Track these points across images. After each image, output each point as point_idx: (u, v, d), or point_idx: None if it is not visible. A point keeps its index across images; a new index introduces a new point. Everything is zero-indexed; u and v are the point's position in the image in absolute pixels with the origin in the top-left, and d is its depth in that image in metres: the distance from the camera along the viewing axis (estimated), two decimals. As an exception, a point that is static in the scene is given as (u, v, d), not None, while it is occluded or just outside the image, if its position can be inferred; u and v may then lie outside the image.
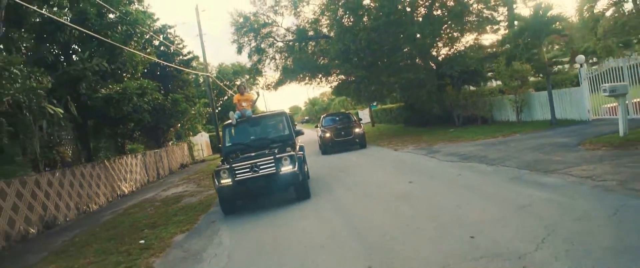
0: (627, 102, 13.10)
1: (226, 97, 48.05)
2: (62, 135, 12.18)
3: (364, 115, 44.59)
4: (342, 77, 26.14)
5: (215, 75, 44.74)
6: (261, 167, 8.36)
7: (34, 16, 10.58)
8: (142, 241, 7.62)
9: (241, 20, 26.27)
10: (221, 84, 43.68)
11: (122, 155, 17.55)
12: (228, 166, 8.49)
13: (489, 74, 20.52)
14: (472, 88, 20.74)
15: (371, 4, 21.49)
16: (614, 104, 12.68)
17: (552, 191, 6.34)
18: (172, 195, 13.53)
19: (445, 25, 20.09)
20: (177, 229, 8.21)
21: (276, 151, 8.84)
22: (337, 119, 20.79)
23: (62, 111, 10.13)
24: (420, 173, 10.06)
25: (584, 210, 5.22)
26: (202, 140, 35.70)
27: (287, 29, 27.19)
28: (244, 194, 8.80)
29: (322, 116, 22.04)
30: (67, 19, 12.74)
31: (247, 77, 52.74)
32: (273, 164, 8.35)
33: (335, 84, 28.94)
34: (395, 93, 24.24)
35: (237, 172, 8.38)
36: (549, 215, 5.24)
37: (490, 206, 6.12)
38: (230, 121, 10.30)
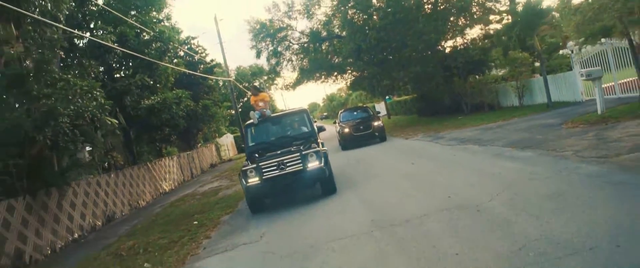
0: (612, 83, 14.51)
1: (245, 99, 50.12)
2: (115, 142, 14.12)
3: (381, 108, 46.02)
4: (356, 73, 27.73)
5: (234, 78, 46.82)
6: (288, 165, 8.52)
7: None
8: (195, 222, 9.46)
9: (258, 27, 28.11)
10: (241, 86, 45.68)
11: (161, 157, 19.59)
12: (255, 165, 8.63)
13: (491, 63, 21.82)
14: (477, 77, 22.07)
15: (379, 4, 23.05)
16: (605, 85, 14.04)
17: (521, 162, 7.90)
18: (210, 190, 15.41)
19: (450, 20, 21.47)
20: (222, 212, 10.03)
21: (301, 148, 8.95)
22: (355, 113, 20.56)
23: (116, 121, 12.06)
24: (423, 156, 11.69)
25: (537, 173, 6.79)
26: (227, 141, 37.78)
27: (301, 32, 28.98)
28: (272, 192, 8.89)
29: (340, 112, 21.88)
30: (111, 42, 14.72)
31: (266, 77, 54.83)
32: (300, 161, 8.50)
33: (350, 80, 30.63)
34: (409, 86, 25.67)
35: (264, 170, 8.53)
36: (509, 179, 6.83)
37: (469, 176, 7.73)
38: (252, 121, 10.45)
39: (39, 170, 10.14)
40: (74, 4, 12.09)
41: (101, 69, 15.05)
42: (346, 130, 18.40)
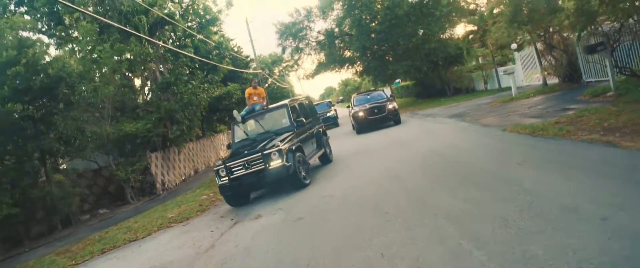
0: (538, 75, 20.72)
1: (266, 85, 56.74)
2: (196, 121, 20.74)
3: (387, 91, 52.34)
4: (362, 66, 34.13)
5: (256, 65, 53.47)
6: (252, 164, 8.79)
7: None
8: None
9: (283, 28, 34.56)
10: (265, 73, 52.25)
11: (216, 133, 26.40)
12: (223, 165, 9.01)
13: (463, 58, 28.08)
14: (456, 67, 28.33)
15: (379, 10, 29.27)
16: (538, 75, 20.27)
17: (446, 124, 14.37)
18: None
19: (431, 25, 27.66)
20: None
21: (265, 146, 9.12)
22: (369, 97, 20.28)
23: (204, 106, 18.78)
24: (403, 125, 18.16)
25: (448, 128, 13.25)
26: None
27: (318, 31, 35.35)
28: (240, 190, 9.14)
29: (353, 96, 21.95)
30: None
31: (284, 65, 61.38)
32: (261, 160, 8.74)
33: (359, 70, 37.02)
34: (403, 75, 32.06)
35: (233, 169, 8.90)
36: (432, 129, 13.31)
37: (414, 130, 14.23)
38: (236, 120, 10.95)
39: (165, 136, 16.97)
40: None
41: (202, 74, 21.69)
42: (361, 114, 18.15)
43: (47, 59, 12.00)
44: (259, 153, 8.81)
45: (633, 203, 4.13)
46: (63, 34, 16.20)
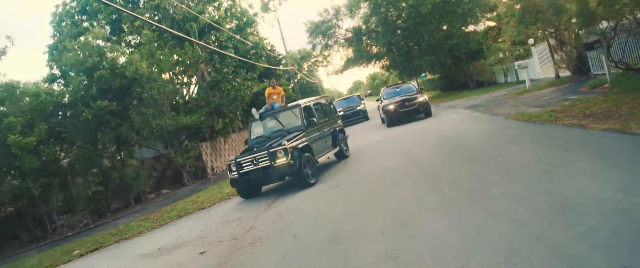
0: (553, 69, 22.05)
1: (296, 80, 59.06)
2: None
3: (414, 84, 53.84)
4: (389, 61, 35.83)
5: (284, 62, 55.85)
6: (259, 160, 9.40)
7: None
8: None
9: (312, 27, 36.56)
10: (295, 70, 54.44)
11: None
12: (234, 160, 9.71)
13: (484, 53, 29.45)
14: (478, 62, 29.72)
15: (403, 5, 30.92)
16: (554, 68, 21.67)
17: (463, 115, 16.10)
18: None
19: (453, 18, 29.13)
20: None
21: (272, 144, 9.72)
22: (399, 90, 20.17)
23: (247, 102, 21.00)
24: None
25: (464, 118, 15.02)
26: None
27: (346, 29, 37.17)
28: (249, 184, 9.83)
29: (382, 89, 21.95)
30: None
31: (313, 60, 63.60)
32: (267, 158, 9.33)
33: (386, 64, 38.73)
34: (427, 70, 33.64)
35: (243, 165, 9.58)
36: (451, 119, 15.10)
37: (437, 122, 16.02)
38: (254, 118, 11.63)
39: (213, 128, 19.28)
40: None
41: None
42: (391, 107, 18.07)
43: (120, 62, 14.36)
44: (265, 151, 9.42)
45: (571, 164, 5.98)
46: (126, 40, 18.63)
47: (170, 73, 18.81)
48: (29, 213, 12.64)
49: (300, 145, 9.78)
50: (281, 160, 9.27)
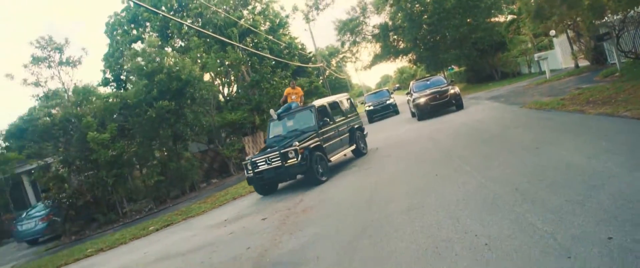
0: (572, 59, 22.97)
1: (325, 76, 60.76)
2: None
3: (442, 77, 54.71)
4: (414, 56, 37.03)
5: (314, 59, 57.60)
6: (272, 160, 10.03)
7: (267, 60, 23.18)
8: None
9: (340, 25, 38.09)
10: (324, 66, 56.01)
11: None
12: (250, 160, 10.38)
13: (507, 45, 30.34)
14: (502, 54, 30.64)
15: (428, 1, 32.10)
16: (573, 58, 22.58)
17: (484, 105, 17.36)
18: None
19: (477, 13, 30.11)
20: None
21: (283, 145, 10.25)
22: (428, 82, 19.92)
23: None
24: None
25: (485, 107, 16.32)
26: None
27: (373, 26, 38.52)
28: (263, 182, 10.55)
29: (411, 83, 21.78)
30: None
31: (341, 56, 65.03)
32: (279, 158, 9.92)
33: (413, 58, 39.92)
34: (453, 62, 34.71)
35: (258, 164, 10.22)
36: (473, 111, 16.41)
37: (459, 112, 17.33)
38: (272, 117, 12.16)
39: (253, 123, 21.12)
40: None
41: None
42: (422, 100, 17.84)
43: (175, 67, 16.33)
44: (277, 152, 9.96)
45: (559, 142, 7.39)
46: (173, 44, 20.66)
47: (212, 74, 20.79)
48: (103, 200, 14.75)
49: (312, 145, 10.32)
50: (292, 160, 9.82)
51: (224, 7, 22.02)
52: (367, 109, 26.73)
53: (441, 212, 5.37)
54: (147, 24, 23.54)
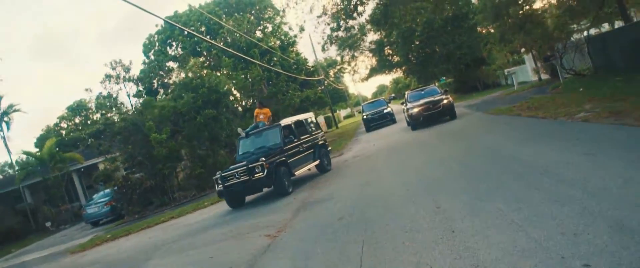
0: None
1: (323, 86, 65.05)
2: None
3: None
4: (406, 69, 41.31)
5: (316, 72, 61.91)
6: (240, 175, 10.60)
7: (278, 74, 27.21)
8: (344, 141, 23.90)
9: (340, 41, 42.32)
10: (325, 79, 60.09)
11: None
12: (219, 175, 10.96)
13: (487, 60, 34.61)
14: (484, 67, 34.89)
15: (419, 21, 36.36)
16: (536, 73, 26.71)
17: (461, 112, 21.43)
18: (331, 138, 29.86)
19: (462, 32, 34.39)
20: (344, 144, 24.35)
21: (250, 160, 10.91)
22: (423, 92, 20.36)
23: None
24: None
25: (463, 114, 20.37)
26: (321, 120, 52.63)
27: (370, 42, 42.82)
28: (233, 196, 11.20)
29: (406, 93, 22.09)
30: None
31: (338, 67, 69.29)
32: (246, 172, 10.48)
33: (405, 72, 44.22)
34: (441, 75, 38.99)
35: (227, 178, 10.79)
36: (459, 118, 20.49)
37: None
38: (241, 135, 12.91)
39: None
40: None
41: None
42: (416, 110, 18.19)
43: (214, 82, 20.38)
44: (245, 167, 10.59)
45: (496, 133, 11.44)
46: (203, 63, 24.75)
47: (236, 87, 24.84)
48: (159, 187, 18.68)
49: (277, 160, 11.11)
50: (258, 174, 10.51)
51: (242, 29, 26.14)
52: (365, 117, 27.66)
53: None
54: (174, 43, 27.73)
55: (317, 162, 13.38)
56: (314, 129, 14.39)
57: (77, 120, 32.66)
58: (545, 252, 3.51)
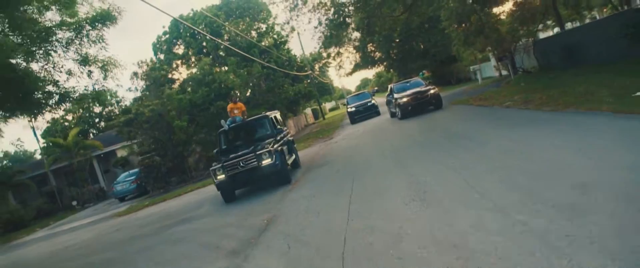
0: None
1: (309, 80, 68.78)
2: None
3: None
4: (386, 65, 45.24)
5: (305, 68, 65.63)
6: (247, 162, 10.37)
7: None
8: (328, 135, 27.65)
9: (325, 39, 46.00)
10: (312, 74, 63.67)
11: (289, 117, 38.19)
12: (221, 164, 10.51)
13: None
14: (457, 63, 38.92)
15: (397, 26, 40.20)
16: (497, 70, 30.77)
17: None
18: (315, 129, 33.58)
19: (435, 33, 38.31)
20: (332, 131, 28.09)
21: (257, 148, 10.69)
22: (408, 84, 21.31)
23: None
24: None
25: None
26: (308, 112, 56.34)
27: (354, 39, 46.56)
28: (236, 186, 10.83)
29: (391, 85, 22.95)
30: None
31: (323, 62, 72.91)
32: (254, 159, 10.36)
33: (386, 66, 48.14)
34: (418, 70, 42.99)
35: (228, 168, 10.40)
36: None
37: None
38: (223, 128, 12.38)
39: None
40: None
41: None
42: (405, 100, 19.22)
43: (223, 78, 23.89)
44: (252, 153, 10.37)
45: (446, 117, 15.31)
46: (211, 61, 28.23)
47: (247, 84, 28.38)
48: (178, 167, 22.20)
49: (279, 148, 11.12)
50: (267, 161, 10.36)
51: (242, 31, 29.64)
52: (349, 110, 28.55)
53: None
54: (179, 43, 31.11)
55: (294, 157, 13.81)
56: (282, 126, 14.53)
57: (96, 110, 36.22)
58: (457, 173, 7.26)
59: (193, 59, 29.81)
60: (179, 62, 31.49)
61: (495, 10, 24.63)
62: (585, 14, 28.31)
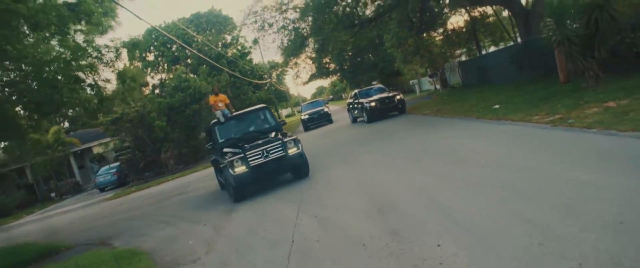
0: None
1: (266, 87, 72.54)
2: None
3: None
4: (339, 76, 49.81)
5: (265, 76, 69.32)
6: (271, 152, 9.68)
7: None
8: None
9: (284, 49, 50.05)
10: (273, 81, 67.38)
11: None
12: (242, 154, 9.52)
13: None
14: (401, 77, 43.94)
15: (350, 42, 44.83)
16: (432, 84, 35.79)
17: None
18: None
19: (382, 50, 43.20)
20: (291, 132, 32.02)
21: (278, 137, 10.11)
22: (372, 91, 22.28)
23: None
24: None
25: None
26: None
27: (313, 49, 50.85)
28: (257, 178, 9.80)
29: (355, 91, 23.82)
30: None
31: (280, 69, 76.87)
32: (281, 148, 9.74)
33: (339, 77, 52.67)
34: (366, 82, 47.82)
35: (250, 159, 9.53)
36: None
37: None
38: (217, 120, 11.34)
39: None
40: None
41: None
42: (373, 104, 20.09)
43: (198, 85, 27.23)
44: (279, 142, 9.77)
45: (389, 124, 19.60)
46: (185, 69, 31.50)
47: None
48: (156, 161, 25.35)
49: (297, 138, 10.38)
50: (293, 150, 9.90)
51: (211, 42, 33.07)
52: (303, 117, 29.21)
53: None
54: (151, 50, 34.15)
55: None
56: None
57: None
58: (390, 158, 11.32)
59: (165, 66, 32.86)
60: (148, 69, 34.43)
61: (431, 34, 29.48)
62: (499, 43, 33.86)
